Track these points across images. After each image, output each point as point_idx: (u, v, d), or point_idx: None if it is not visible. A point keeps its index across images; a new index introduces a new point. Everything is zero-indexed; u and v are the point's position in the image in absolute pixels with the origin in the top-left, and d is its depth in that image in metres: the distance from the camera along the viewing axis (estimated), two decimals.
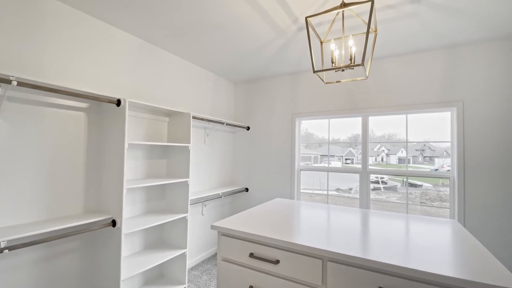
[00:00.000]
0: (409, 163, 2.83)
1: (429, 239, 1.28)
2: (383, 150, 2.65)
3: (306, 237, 1.24)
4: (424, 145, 2.44)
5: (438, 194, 2.45)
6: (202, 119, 2.79)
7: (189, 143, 2.44)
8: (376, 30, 1.56)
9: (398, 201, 2.66)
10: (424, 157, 2.42)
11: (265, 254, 1.24)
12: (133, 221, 2.16)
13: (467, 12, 1.90)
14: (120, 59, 2.24)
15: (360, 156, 2.91)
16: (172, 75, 2.76)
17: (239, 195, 3.69)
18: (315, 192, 3.45)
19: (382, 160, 2.63)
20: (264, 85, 3.58)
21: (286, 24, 2.08)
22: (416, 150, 2.42)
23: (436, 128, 2.70)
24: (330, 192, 3.15)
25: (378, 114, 2.89)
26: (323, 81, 1.69)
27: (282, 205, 1.99)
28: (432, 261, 1.02)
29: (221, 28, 2.18)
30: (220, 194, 3.20)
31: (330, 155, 3.26)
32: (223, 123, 3.16)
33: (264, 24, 2.10)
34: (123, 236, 1.89)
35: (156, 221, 2.19)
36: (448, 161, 2.59)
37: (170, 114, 2.59)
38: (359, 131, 3.03)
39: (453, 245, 1.21)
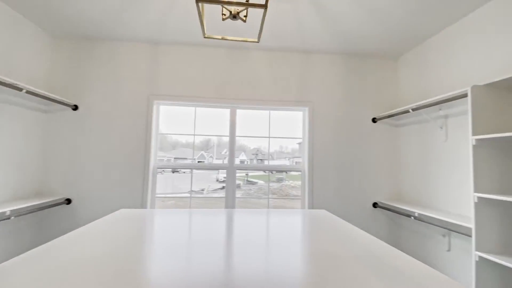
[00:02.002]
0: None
1: (327, 235, 1.09)
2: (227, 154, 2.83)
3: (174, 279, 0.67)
4: (257, 150, 2.81)
5: (270, 189, 2.73)
6: None
7: None
8: None
9: (242, 196, 2.84)
10: (257, 159, 2.72)
11: None
12: None
13: (329, 22, 2.08)
14: None
15: (211, 159, 2.80)
16: None
17: (52, 212, 2.37)
18: (168, 196, 2.82)
19: (223, 162, 2.82)
20: (108, 48, 2.55)
21: None
22: (252, 154, 2.67)
23: (288, 126, 2.91)
24: (183, 195, 2.70)
25: (245, 108, 2.76)
26: (204, 33, 1.20)
27: (128, 221, 1.26)
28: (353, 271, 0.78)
29: None
30: (8, 213, 1.84)
31: (182, 158, 2.82)
32: (20, 90, 1.86)
33: None
34: None
35: None
36: (276, 162, 2.95)
37: None
38: (210, 135, 2.81)
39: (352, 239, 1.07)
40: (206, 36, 1.23)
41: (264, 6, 0.96)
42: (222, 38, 1.24)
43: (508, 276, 1.54)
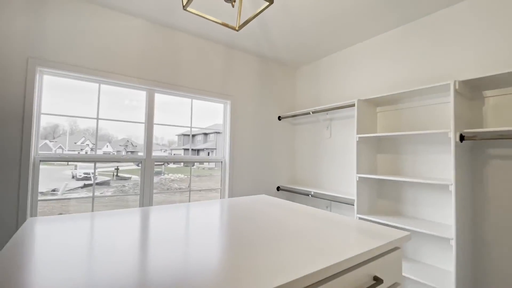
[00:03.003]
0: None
1: (294, 223, 1.28)
2: (87, 144, 2.49)
3: None
4: (127, 140, 2.61)
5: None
6: None
7: None
8: None
9: (114, 194, 2.52)
10: (127, 152, 2.64)
11: None
12: None
13: (259, 24, 2.25)
14: None
15: (61, 151, 2.27)
16: None
17: None
18: (55, 198, 2.13)
19: (86, 153, 2.51)
20: None
21: None
22: (120, 145, 2.55)
23: (209, 116, 2.91)
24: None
25: (166, 93, 2.50)
26: (182, 3, 1.06)
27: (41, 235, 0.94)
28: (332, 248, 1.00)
29: None
30: None
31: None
32: None
33: None
34: None
35: None
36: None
37: None
38: (122, 121, 2.37)
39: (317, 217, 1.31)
40: (185, 8, 1.09)
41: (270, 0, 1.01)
42: (201, 16, 1.14)
43: None
